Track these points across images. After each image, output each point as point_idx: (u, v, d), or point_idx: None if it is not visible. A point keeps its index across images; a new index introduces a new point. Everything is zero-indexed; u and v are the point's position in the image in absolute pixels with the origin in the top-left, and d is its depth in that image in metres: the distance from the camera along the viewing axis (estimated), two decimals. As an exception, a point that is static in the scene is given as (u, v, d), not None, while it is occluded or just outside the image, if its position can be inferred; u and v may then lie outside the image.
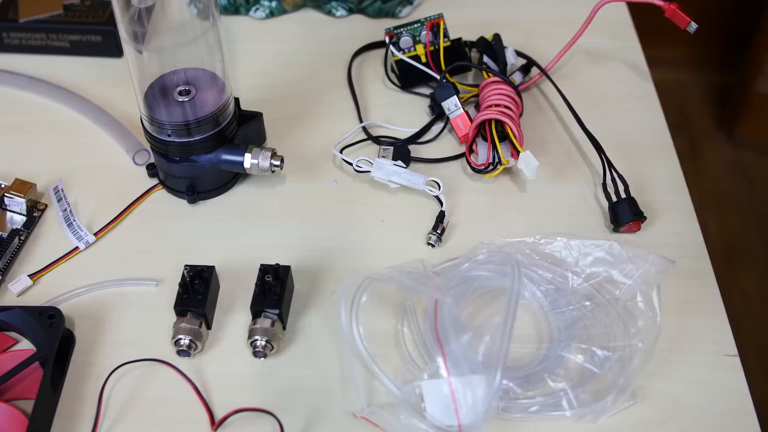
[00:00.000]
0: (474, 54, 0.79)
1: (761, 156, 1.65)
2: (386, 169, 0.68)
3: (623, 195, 0.66)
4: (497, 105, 0.70)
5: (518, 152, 0.67)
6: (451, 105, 0.71)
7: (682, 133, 1.66)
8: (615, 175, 0.67)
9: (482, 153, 0.70)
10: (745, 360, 0.58)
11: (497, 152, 0.68)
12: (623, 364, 0.56)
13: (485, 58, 0.77)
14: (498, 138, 0.69)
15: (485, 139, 0.70)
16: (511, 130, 0.68)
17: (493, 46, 0.77)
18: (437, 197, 0.67)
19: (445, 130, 0.74)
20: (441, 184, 0.67)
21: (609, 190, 0.66)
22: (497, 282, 0.60)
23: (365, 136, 0.74)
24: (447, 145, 0.73)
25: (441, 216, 0.66)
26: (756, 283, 1.45)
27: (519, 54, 0.78)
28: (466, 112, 0.71)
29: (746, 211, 1.56)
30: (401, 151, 0.70)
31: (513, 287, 0.55)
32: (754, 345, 1.33)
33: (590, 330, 0.58)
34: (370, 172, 0.68)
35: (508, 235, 0.63)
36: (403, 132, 0.73)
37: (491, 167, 0.68)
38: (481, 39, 0.78)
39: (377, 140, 0.72)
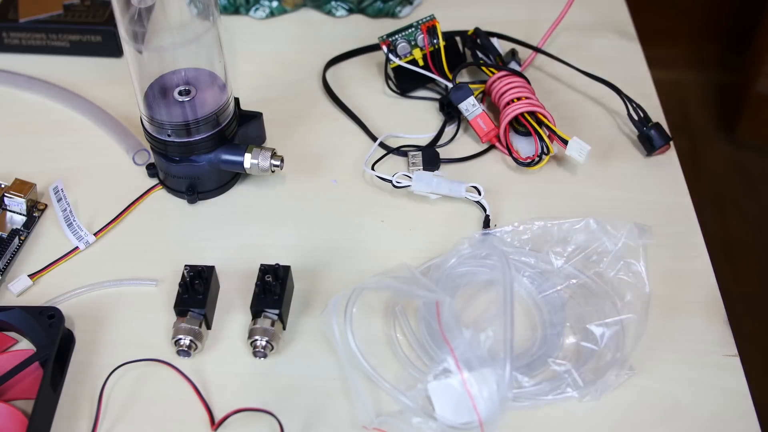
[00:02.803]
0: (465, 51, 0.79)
1: (761, 156, 1.65)
2: (427, 181, 0.67)
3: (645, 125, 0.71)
4: (519, 98, 0.70)
5: (561, 140, 0.68)
6: (469, 105, 0.71)
7: (682, 133, 1.66)
8: (635, 106, 0.71)
9: (522, 146, 0.71)
10: (745, 360, 0.58)
11: (545, 143, 0.69)
12: (618, 338, 0.57)
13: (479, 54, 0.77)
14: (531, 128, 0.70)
15: (517, 133, 0.71)
16: (547, 119, 0.69)
17: (482, 40, 0.77)
18: (479, 203, 0.67)
19: (459, 131, 0.74)
20: (482, 190, 0.67)
21: (634, 118, 0.71)
22: (485, 275, 0.61)
23: (367, 142, 0.74)
24: (464, 145, 0.73)
25: (486, 221, 0.66)
26: (756, 283, 1.45)
27: (502, 37, 0.79)
28: (485, 111, 0.71)
29: (746, 211, 1.56)
30: (429, 154, 0.70)
31: (505, 278, 0.56)
32: (754, 345, 1.33)
33: (580, 309, 0.59)
34: (410, 186, 0.67)
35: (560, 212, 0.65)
36: (419, 139, 0.73)
37: (538, 159, 0.69)
38: (465, 35, 0.78)
39: (399, 151, 0.72)
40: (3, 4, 0.83)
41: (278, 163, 0.67)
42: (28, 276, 0.63)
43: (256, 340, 0.58)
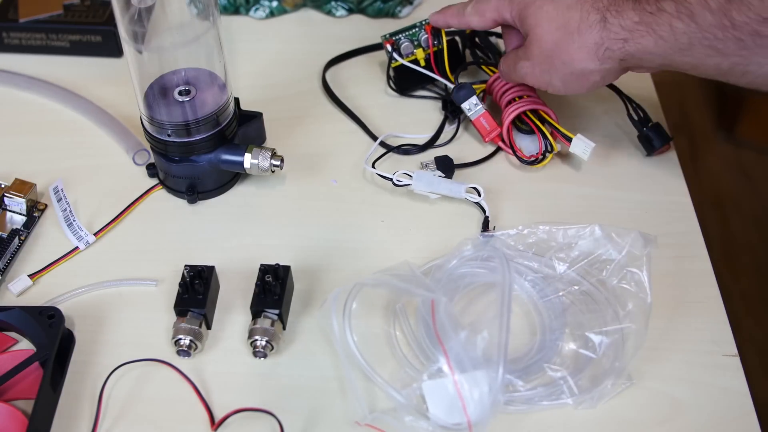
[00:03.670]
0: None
1: (761, 156, 1.65)
2: (427, 180, 0.67)
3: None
4: (520, 96, 0.70)
5: (565, 137, 0.68)
6: (472, 105, 0.71)
7: (682, 133, 1.66)
8: (635, 106, 0.71)
9: (525, 145, 0.71)
10: (745, 360, 0.58)
11: (548, 140, 0.69)
12: (617, 347, 0.56)
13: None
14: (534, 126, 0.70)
15: (520, 131, 0.71)
16: (550, 117, 0.69)
17: (480, 40, 0.77)
18: (478, 204, 0.67)
19: (459, 131, 0.74)
20: (481, 191, 0.67)
21: (634, 118, 0.71)
22: (486, 277, 0.61)
23: (367, 142, 0.74)
24: (465, 145, 0.73)
25: (486, 222, 0.66)
26: (756, 283, 1.45)
27: (500, 36, 0.78)
28: (487, 110, 0.71)
29: (746, 211, 1.56)
30: (444, 162, 0.70)
31: (505, 281, 0.56)
32: (754, 345, 1.33)
33: (581, 316, 0.59)
34: (410, 185, 0.67)
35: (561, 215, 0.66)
36: (419, 139, 0.73)
37: (542, 157, 0.69)
38: (464, 34, 0.78)
39: (400, 150, 0.72)
40: (3, 4, 0.83)
41: (278, 163, 0.67)
42: (28, 276, 0.63)
43: (256, 340, 0.58)
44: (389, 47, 0.75)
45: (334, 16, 0.86)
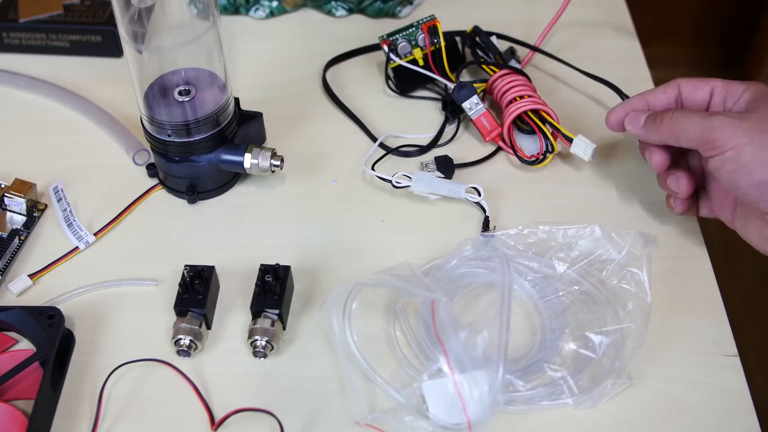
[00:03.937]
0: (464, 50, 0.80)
1: (761, 156, 1.64)
2: (427, 181, 0.67)
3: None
4: (521, 96, 0.70)
5: (566, 137, 0.68)
6: (473, 104, 0.71)
7: (682, 133, 1.66)
8: None
9: (526, 145, 0.71)
10: (745, 360, 0.58)
11: (549, 141, 0.69)
12: (617, 347, 0.56)
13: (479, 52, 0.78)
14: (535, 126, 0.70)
15: (521, 131, 0.71)
16: (551, 117, 0.69)
17: (481, 39, 0.77)
18: (478, 204, 0.67)
19: (460, 131, 0.74)
20: (481, 191, 0.67)
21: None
22: (486, 277, 0.61)
23: (367, 142, 0.74)
24: (465, 145, 0.73)
25: (486, 222, 0.66)
26: (756, 283, 1.44)
27: (500, 36, 0.79)
28: (488, 110, 0.71)
29: (746, 211, 1.56)
30: (444, 162, 0.70)
31: (504, 281, 0.56)
32: (754, 345, 1.33)
33: (581, 316, 0.59)
34: (409, 186, 0.67)
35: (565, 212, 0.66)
36: (419, 139, 0.73)
37: (542, 157, 0.69)
38: (464, 33, 0.78)
39: (399, 151, 0.72)
40: (3, 4, 0.83)
41: (278, 163, 0.67)
42: (28, 276, 0.63)
43: (256, 340, 0.58)
44: (386, 48, 0.75)
45: (334, 16, 0.86)
